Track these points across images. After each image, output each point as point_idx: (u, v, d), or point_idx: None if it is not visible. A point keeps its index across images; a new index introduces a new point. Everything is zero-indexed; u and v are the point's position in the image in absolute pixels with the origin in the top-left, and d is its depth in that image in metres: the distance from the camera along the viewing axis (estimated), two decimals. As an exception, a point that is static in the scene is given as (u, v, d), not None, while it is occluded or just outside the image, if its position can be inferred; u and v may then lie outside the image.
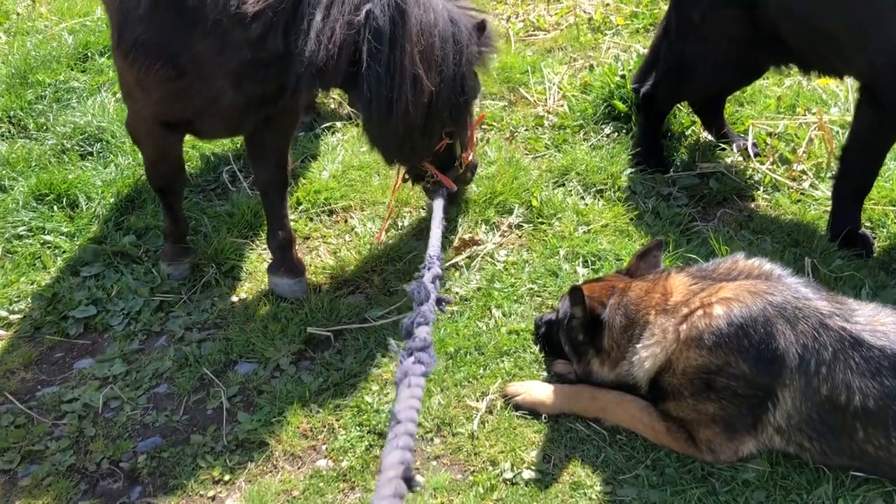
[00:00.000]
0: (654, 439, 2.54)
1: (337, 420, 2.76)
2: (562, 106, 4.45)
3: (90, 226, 3.80)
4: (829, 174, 3.68)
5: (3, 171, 4.12)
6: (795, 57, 3.37)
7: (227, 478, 2.62)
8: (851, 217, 3.27)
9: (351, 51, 2.62)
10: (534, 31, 5.40)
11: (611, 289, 2.65)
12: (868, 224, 3.36)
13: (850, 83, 4.21)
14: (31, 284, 3.49)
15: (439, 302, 2.33)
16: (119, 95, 4.68)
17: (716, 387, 2.39)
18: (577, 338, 2.67)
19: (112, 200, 3.93)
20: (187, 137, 3.47)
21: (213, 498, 2.56)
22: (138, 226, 3.78)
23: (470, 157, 3.36)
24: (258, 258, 3.57)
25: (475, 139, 3.44)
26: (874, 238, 3.30)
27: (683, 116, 4.16)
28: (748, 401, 2.37)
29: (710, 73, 3.57)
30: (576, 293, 2.58)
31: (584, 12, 5.49)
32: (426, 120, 2.83)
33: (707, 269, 2.62)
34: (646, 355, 2.51)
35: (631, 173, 3.82)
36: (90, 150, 4.31)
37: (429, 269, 2.51)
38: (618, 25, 5.26)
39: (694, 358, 2.40)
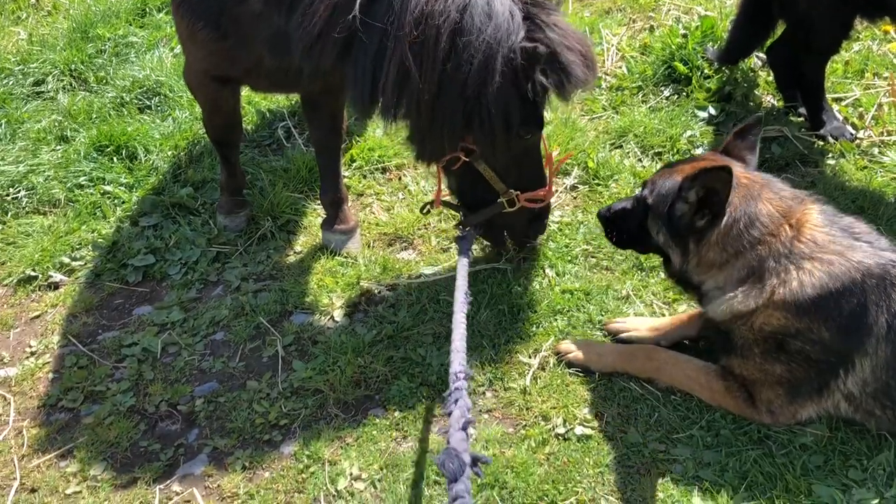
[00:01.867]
0: (710, 400, 2.51)
1: (390, 371, 2.78)
2: (620, 67, 4.36)
3: (148, 177, 3.87)
4: (898, 140, 3.56)
5: (65, 123, 4.21)
6: (891, 7, 3.24)
7: (282, 423, 2.66)
8: (923, 183, 3.17)
9: (339, 34, 2.39)
10: (592, -8, 5.29)
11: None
12: (938, 192, 3.25)
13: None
14: (92, 233, 3.57)
15: (475, 462, 1.87)
16: (177, 50, 4.73)
17: (789, 349, 2.32)
18: (685, 222, 2.38)
19: (170, 153, 3.99)
20: (244, 92, 3.50)
21: (269, 441, 2.61)
22: (195, 178, 3.83)
23: (526, 200, 2.81)
24: (313, 213, 3.60)
25: (549, 182, 2.88)
26: (946, 205, 3.19)
27: (742, 77, 4.05)
28: (819, 365, 2.31)
29: (826, 23, 3.43)
30: (722, 173, 2.27)
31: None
32: (431, 122, 2.49)
33: (836, 219, 2.42)
34: (740, 299, 2.36)
35: (690, 136, 3.74)
36: (148, 103, 4.37)
37: (456, 401, 2.03)
38: (679, -14, 5.12)
39: (777, 318, 2.32)
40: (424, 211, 3.06)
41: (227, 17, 2.73)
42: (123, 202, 3.74)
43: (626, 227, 2.61)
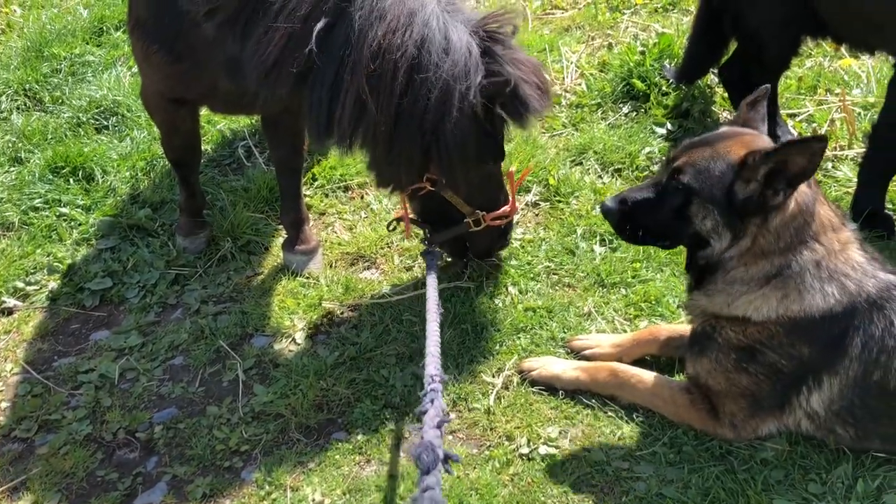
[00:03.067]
0: (673, 415, 2.52)
1: (353, 393, 2.75)
2: (579, 84, 4.41)
3: (106, 199, 3.80)
4: (851, 154, 3.63)
5: (20, 144, 4.13)
6: (831, 30, 3.34)
7: (243, 449, 2.62)
8: (875, 197, 3.24)
9: (295, 63, 2.39)
10: (552, 9, 5.35)
11: None
12: (889, 205, 3.32)
13: (871, 64, 4.16)
14: (48, 256, 3.50)
15: (446, 459, 1.91)
16: (135, 69, 4.67)
17: (762, 360, 2.31)
18: (754, 201, 2.19)
19: (128, 174, 3.93)
20: (204, 111, 3.47)
21: (230, 468, 2.57)
22: (154, 199, 3.78)
23: (491, 219, 2.86)
24: (274, 233, 3.56)
25: (512, 198, 2.92)
26: (895, 219, 3.26)
27: (699, 93, 4.12)
28: (786, 379, 2.31)
29: (775, 39, 3.49)
30: (820, 145, 2.09)
31: (604, -11, 5.43)
32: (388, 154, 2.51)
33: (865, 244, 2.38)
34: (756, 305, 2.27)
35: (649, 153, 3.78)
36: (106, 123, 4.30)
37: (431, 401, 2.05)
38: (636, 5, 5.20)
39: (771, 331, 2.28)
40: (391, 227, 3.08)
41: (182, 42, 2.70)
42: (80, 224, 3.67)
43: (652, 219, 2.36)
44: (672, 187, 2.29)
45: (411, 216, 2.98)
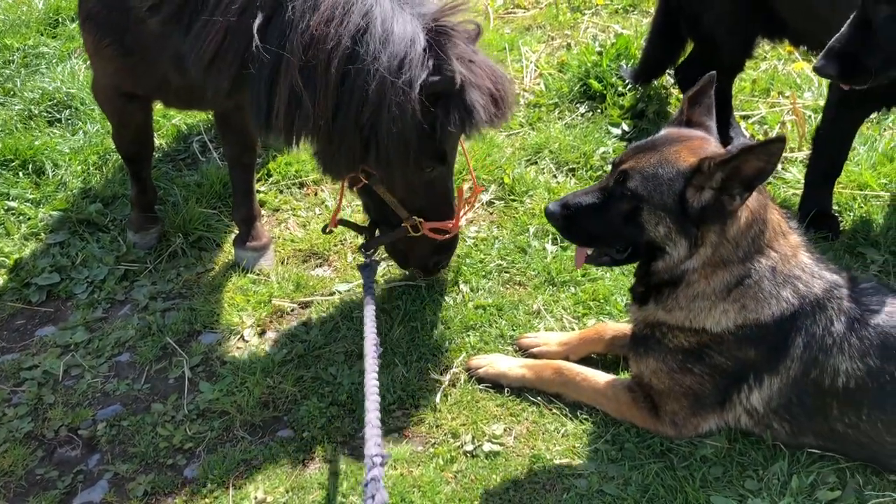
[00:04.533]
0: (616, 413, 2.54)
1: (299, 391, 2.74)
2: (538, 84, 4.42)
3: (56, 193, 3.75)
4: (801, 156, 3.69)
5: (-32, 136, 4.05)
6: (788, 30, 3.39)
7: (187, 446, 2.60)
8: (821, 199, 3.29)
9: (233, 57, 2.36)
10: (513, 8, 5.35)
11: None
12: (836, 207, 3.37)
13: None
14: (-6, 251, 3.44)
15: None
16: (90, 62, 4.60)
17: (709, 361, 2.32)
18: (710, 208, 2.17)
19: (79, 168, 3.87)
20: (159, 106, 3.43)
21: (172, 466, 2.54)
22: (105, 194, 3.73)
23: (429, 228, 2.73)
24: (226, 229, 3.53)
25: (457, 215, 2.81)
26: (841, 221, 3.31)
27: (655, 94, 4.15)
28: (728, 378, 2.34)
29: (729, 40, 3.53)
30: (778, 145, 2.06)
31: (566, -11, 5.45)
32: (328, 145, 2.46)
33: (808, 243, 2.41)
34: (716, 318, 2.27)
35: (603, 153, 3.80)
36: (58, 116, 4.24)
37: (372, 496, 1.90)
38: (597, 5, 5.22)
39: (724, 338, 2.30)
40: (326, 231, 3.01)
41: (132, 36, 2.67)
42: (29, 218, 3.61)
43: (599, 225, 2.31)
44: (619, 193, 2.26)
45: (348, 218, 2.94)
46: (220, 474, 2.48)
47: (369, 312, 2.56)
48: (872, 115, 3.50)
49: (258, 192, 3.69)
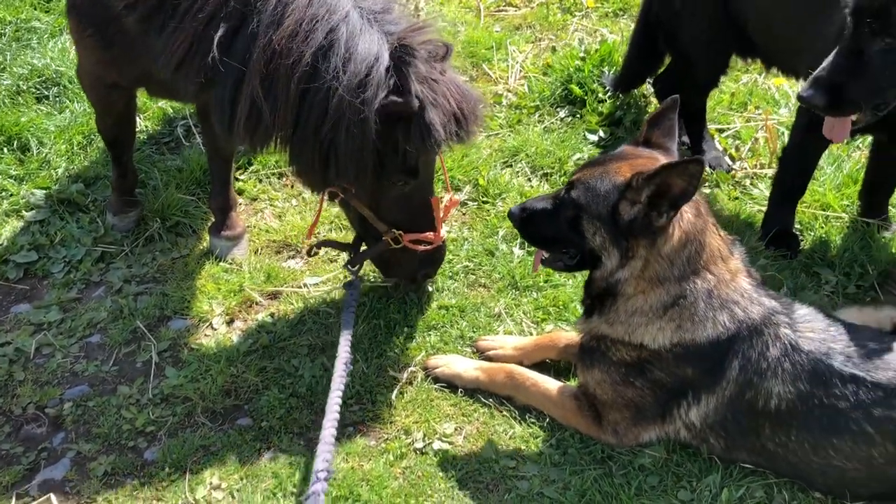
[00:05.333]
0: (561, 418, 2.64)
1: (261, 381, 2.83)
2: (522, 85, 4.49)
3: (40, 171, 3.81)
4: (770, 173, 3.76)
5: (-46, 110, 4.11)
6: (759, 51, 3.47)
7: (149, 430, 2.70)
8: (783, 218, 3.37)
9: (199, 64, 2.41)
10: (505, 6, 5.39)
11: None
12: (798, 226, 3.46)
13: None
14: (-25, 226, 3.51)
15: None
16: (80, 40, 4.65)
17: (649, 376, 2.44)
18: (638, 222, 2.29)
19: (64, 147, 3.94)
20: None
21: (133, 448, 2.64)
22: (88, 175, 3.80)
23: (409, 241, 2.79)
24: (204, 216, 3.61)
25: (438, 230, 2.84)
26: (801, 240, 3.40)
27: (633, 103, 4.22)
28: (668, 393, 2.45)
29: (704, 58, 3.62)
30: (697, 167, 2.17)
31: (558, -9, 5.49)
32: (291, 158, 2.55)
33: (749, 267, 2.53)
34: (653, 335, 2.39)
35: (578, 159, 3.88)
36: (46, 93, 4.29)
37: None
38: (588, 8, 5.28)
39: (663, 355, 2.41)
40: (311, 254, 3.11)
41: (114, 28, 2.72)
42: (11, 195, 3.69)
43: (550, 229, 2.48)
44: (567, 201, 2.40)
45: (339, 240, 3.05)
46: (179, 458, 2.57)
47: (346, 334, 2.66)
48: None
49: (237, 179, 3.77)
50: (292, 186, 3.77)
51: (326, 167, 2.49)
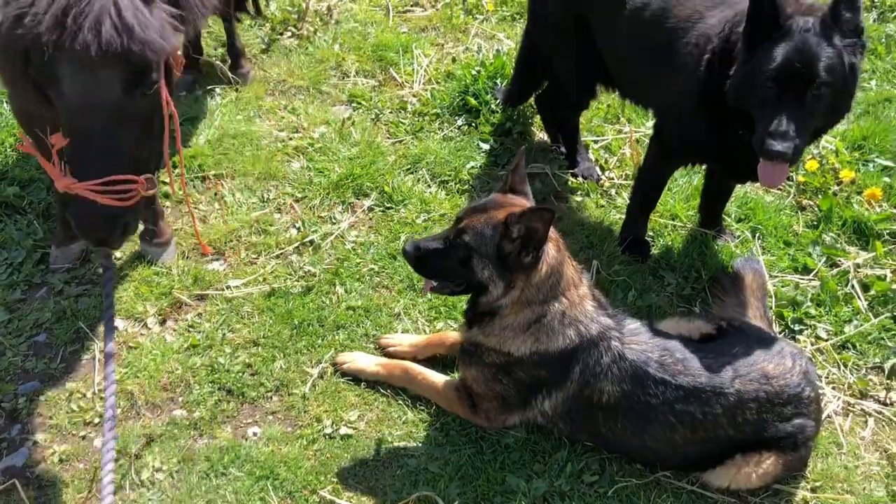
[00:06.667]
0: (445, 405, 3.24)
1: (193, 376, 3.33)
2: (426, 91, 4.96)
3: (-26, 173, 4.10)
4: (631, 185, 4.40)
5: None
6: (616, 86, 4.06)
7: (96, 420, 3.16)
8: (637, 228, 4.01)
9: None
10: (412, 5, 5.82)
11: None
12: (651, 233, 4.12)
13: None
14: (-83, 229, 3.82)
15: None
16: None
17: (513, 376, 3.03)
18: (513, 258, 2.82)
19: (-4, 149, 4.22)
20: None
21: (84, 437, 3.11)
22: (23, 177, 4.11)
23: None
24: (134, 220, 4.00)
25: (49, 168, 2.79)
26: (652, 245, 4.06)
27: (520, 115, 4.78)
28: (527, 388, 3.07)
29: (573, 85, 4.19)
30: (545, 213, 2.73)
31: (463, -9, 5.92)
32: None
33: (595, 292, 3.10)
34: (517, 345, 2.94)
35: (471, 168, 4.42)
36: (-26, 93, 4.52)
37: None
38: (488, 11, 5.75)
39: (525, 359, 2.98)
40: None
41: None
42: (-53, 198, 3.98)
43: (442, 265, 2.94)
44: (457, 243, 2.91)
45: None
46: (125, 446, 3.06)
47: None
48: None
49: (164, 183, 4.16)
50: (215, 194, 4.18)
51: None
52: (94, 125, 2.63)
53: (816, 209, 4.24)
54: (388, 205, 4.20)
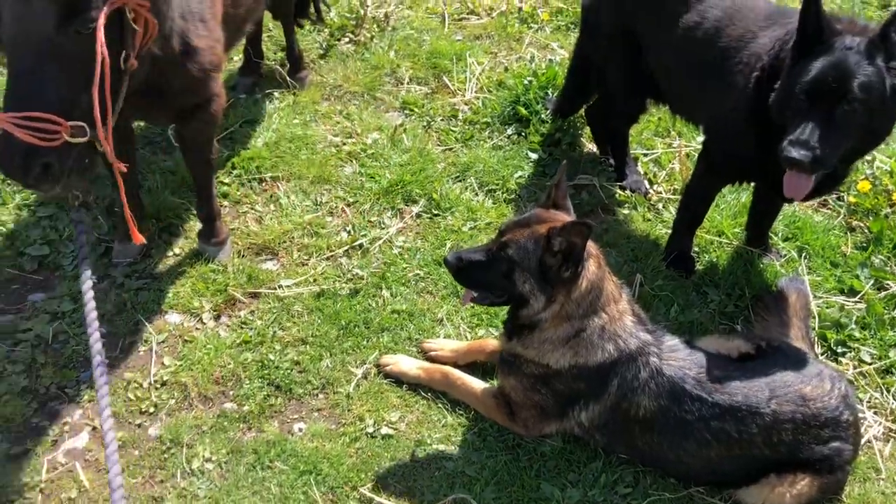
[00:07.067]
0: (484, 412, 3.33)
1: (244, 371, 3.47)
2: (478, 99, 5.05)
3: (46, 168, 4.32)
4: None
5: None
6: (667, 100, 4.09)
7: (151, 410, 3.33)
8: (683, 243, 4.03)
9: None
10: (468, 14, 5.91)
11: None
12: (696, 249, 4.13)
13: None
14: (-8, 218, 4.05)
15: None
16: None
17: (552, 387, 3.10)
18: (553, 272, 2.88)
19: (67, 146, 4.44)
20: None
21: (140, 425, 3.28)
22: (92, 173, 4.32)
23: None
24: (193, 218, 4.17)
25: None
26: (697, 261, 4.08)
27: (570, 126, 4.83)
28: (565, 399, 3.13)
29: (624, 99, 4.22)
30: (582, 227, 2.79)
31: (518, 0, 6.00)
32: None
33: (635, 307, 3.14)
34: (556, 358, 3.00)
35: (519, 177, 4.50)
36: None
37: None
38: (543, 20, 5.81)
39: (563, 371, 3.04)
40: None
41: None
42: (21, 189, 4.20)
43: (483, 277, 3.00)
44: (500, 256, 2.98)
45: None
46: (177, 435, 3.22)
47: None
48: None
49: (223, 183, 4.33)
50: (271, 197, 4.34)
51: None
52: (23, 57, 2.55)
53: (867, 231, 4.21)
54: (436, 212, 4.29)
